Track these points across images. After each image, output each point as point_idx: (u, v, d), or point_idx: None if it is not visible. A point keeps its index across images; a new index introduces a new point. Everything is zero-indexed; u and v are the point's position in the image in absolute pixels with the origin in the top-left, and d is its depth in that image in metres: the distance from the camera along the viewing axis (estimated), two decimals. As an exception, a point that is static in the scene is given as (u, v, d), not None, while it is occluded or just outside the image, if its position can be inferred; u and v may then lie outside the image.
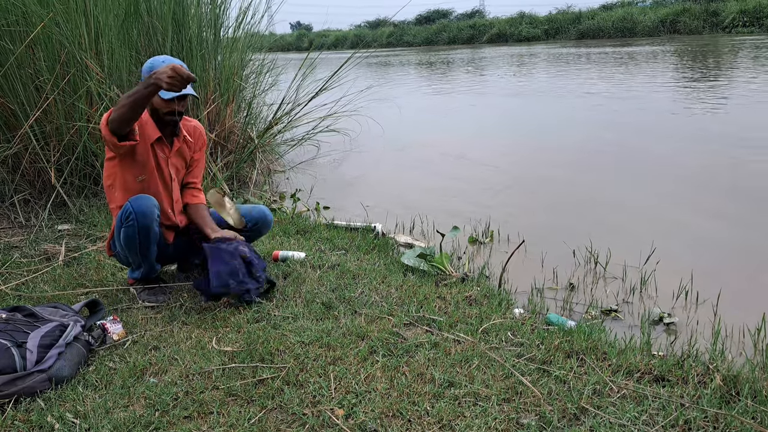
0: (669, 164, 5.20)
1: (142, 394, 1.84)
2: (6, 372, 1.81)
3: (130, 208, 2.38)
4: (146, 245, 2.46)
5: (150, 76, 2.12)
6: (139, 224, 2.38)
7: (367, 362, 1.99)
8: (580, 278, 2.98)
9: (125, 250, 2.49)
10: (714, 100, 8.35)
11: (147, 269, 2.58)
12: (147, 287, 2.62)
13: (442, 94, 11.78)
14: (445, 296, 2.56)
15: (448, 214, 3.99)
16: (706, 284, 2.75)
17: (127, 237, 2.42)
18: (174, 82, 2.09)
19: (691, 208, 4.04)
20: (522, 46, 28.11)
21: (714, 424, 1.64)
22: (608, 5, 33.50)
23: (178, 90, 2.14)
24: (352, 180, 5.33)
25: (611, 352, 2.02)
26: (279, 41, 28.68)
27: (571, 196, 4.51)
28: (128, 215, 2.38)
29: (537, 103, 9.70)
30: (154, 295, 2.60)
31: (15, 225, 3.64)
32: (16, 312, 2.09)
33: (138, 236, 2.41)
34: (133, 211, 2.37)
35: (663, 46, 20.01)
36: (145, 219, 2.38)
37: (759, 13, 24.12)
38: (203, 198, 2.78)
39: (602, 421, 1.66)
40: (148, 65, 2.47)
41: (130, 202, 2.40)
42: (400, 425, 1.66)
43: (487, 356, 2.01)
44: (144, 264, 2.55)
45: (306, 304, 2.47)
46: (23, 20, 3.75)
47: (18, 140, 3.77)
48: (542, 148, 6.22)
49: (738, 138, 5.94)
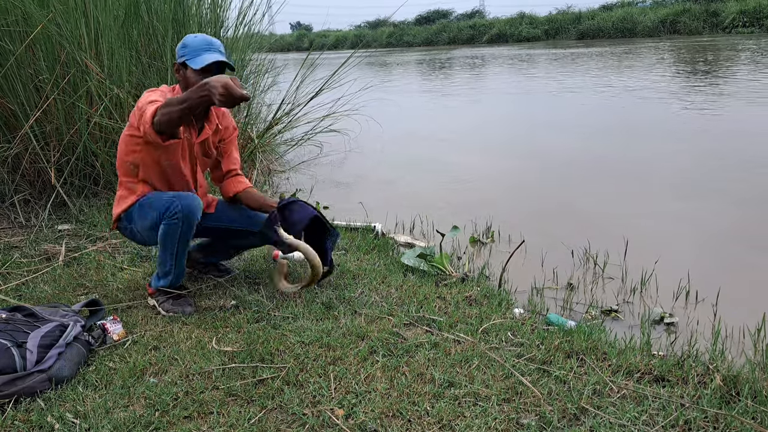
0: (669, 164, 5.20)
1: (142, 394, 1.84)
2: (6, 372, 1.81)
3: (179, 206, 2.27)
4: (184, 246, 2.38)
5: (203, 85, 2.00)
6: (184, 223, 2.29)
7: (367, 362, 1.99)
8: (580, 278, 2.98)
9: (161, 247, 2.37)
10: (715, 100, 8.35)
11: (176, 275, 2.45)
12: (170, 296, 2.48)
13: (442, 93, 11.78)
14: (445, 296, 2.56)
15: (448, 214, 3.99)
16: (706, 284, 2.75)
17: (167, 234, 2.32)
18: (225, 101, 1.97)
19: (691, 207, 4.04)
20: (522, 46, 28.10)
21: (714, 424, 1.64)
22: (608, 5, 33.50)
23: (230, 107, 2.06)
24: (352, 180, 5.33)
25: (611, 352, 2.02)
26: (279, 41, 28.74)
27: (571, 196, 4.50)
28: (174, 212, 2.27)
29: (538, 104, 9.70)
30: (180, 306, 2.46)
31: (15, 225, 3.64)
32: (16, 312, 2.09)
33: (179, 235, 2.32)
34: (181, 210, 2.27)
35: (662, 45, 20.02)
36: (191, 218, 2.30)
37: (759, 14, 24.12)
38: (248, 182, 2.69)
39: (602, 421, 1.66)
40: (181, 44, 2.39)
41: (178, 199, 2.29)
42: (400, 425, 1.66)
43: (487, 356, 2.01)
44: (175, 267, 2.42)
45: (306, 304, 2.47)
46: (23, 20, 3.75)
47: (18, 140, 3.77)
48: (543, 148, 6.22)
49: (739, 138, 5.94)
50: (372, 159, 6.09)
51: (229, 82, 1.95)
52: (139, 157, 2.39)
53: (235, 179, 2.68)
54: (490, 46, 31.99)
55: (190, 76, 2.33)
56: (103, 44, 3.96)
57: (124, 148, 2.42)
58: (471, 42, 35.13)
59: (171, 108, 2.09)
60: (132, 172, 2.43)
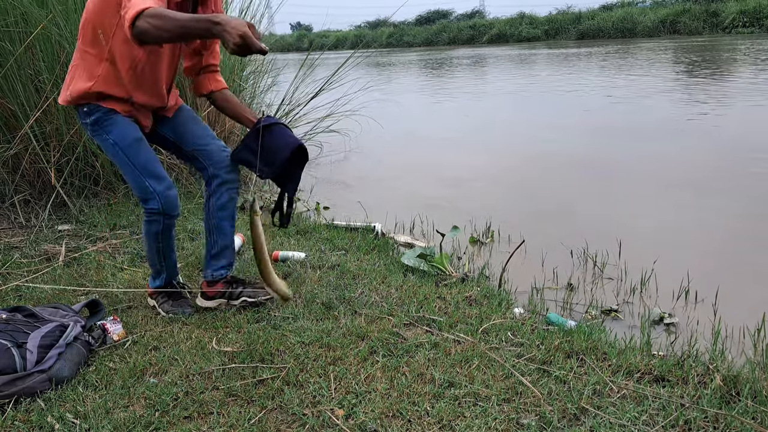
0: (670, 164, 5.20)
1: (142, 395, 1.84)
2: (6, 372, 1.81)
3: (157, 204, 2.13)
4: (169, 240, 2.27)
5: (216, 24, 1.65)
6: (165, 220, 2.18)
7: (367, 362, 1.99)
8: (580, 278, 2.98)
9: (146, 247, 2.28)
10: (716, 100, 8.35)
11: (169, 272, 2.38)
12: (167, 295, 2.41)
13: (442, 93, 11.78)
14: (445, 296, 2.56)
15: (448, 214, 3.99)
16: (706, 284, 2.75)
17: (148, 232, 2.23)
18: (239, 51, 1.66)
19: (691, 207, 4.04)
20: (522, 46, 28.11)
21: (714, 424, 1.64)
22: (608, 6, 33.53)
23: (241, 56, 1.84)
24: (352, 180, 5.33)
25: (611, 353, 2.02)
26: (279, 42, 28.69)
27: (571, 196, 4.51)
28: (153, 209, 2.14)
29: (538, 104, 9.69)
30: (179, 306, 2.40)
31: (15, 225, 3.64)
32: (17, 312, 2.09)
33: (162, 231, 2.21)
34: (160, 208, 2.14)
35: (662, 45, 20.02)
36: (171, 215, 2.18)
37: (759, 14, 24.14)
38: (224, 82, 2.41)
39: (602, 421, 1.66)
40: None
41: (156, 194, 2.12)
42: (400, 425, 1.66)
43: (487, 356, 2.01)
44: (166, 265, 2.35)
45: (306, 304, 2.47)
46: (23, 21, 3.75)
47: (18, 141, 3.77)
48: (544, 149, 6.22)
49: (741, 138, 5.94)
50: (372, 159, 6.09)
51: (248, 31, 1.64)
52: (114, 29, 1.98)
53: (213, 75, 2.37)
54: (490, 46, 31.99)
55: None
56: (103, 44, 3.96)
57: (98, 5, 1.98)
58: (471, 42, 35.14)
59: (164, 24, 1.69)
60: (97, 41, 2.02)
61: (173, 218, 2.24)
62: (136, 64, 2.07)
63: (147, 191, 2.15)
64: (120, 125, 2.15)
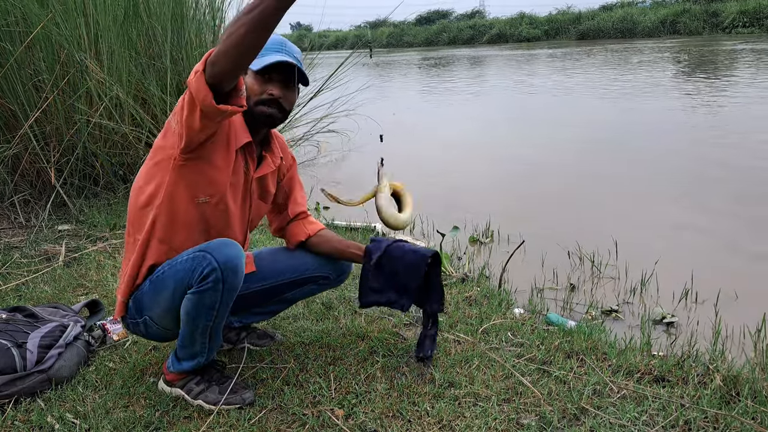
0: (670, 164, 5.20)
1: (142, 394, 1.84)
2: (6, 372, 1.81)
3: (214, 263, 1.55)
4: (222, 319, 1.67)
5: None
6: (226, 286, 1.58)
7: (367, 362, 1.99)
8: (580, 278, 2.98)
9: (186, 324, 1.65)
10: (717, 100, 8.35)
11: (209, 354, 1.76)
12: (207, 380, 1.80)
13: (442, 93, 11.78)
14: (445, 296, 2.55)
15: (448, 214, 3.99)
16: (707, 284, 2.75)
17: (199, 305, 1.60)
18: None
19: (691, 207, 4.04)
20: (522, 47, 28.10)
21: (714, 424, 1.64)
22: (608, 6, 33.59)
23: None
24: (351, 180, 5.33)
25: (611, 353, 2.02)
26: (279, 41, 28.45)
27: (571, 196, 4.50)
28: (209, 272, 1.55)
29: (539, 104, 9.69)
30: (236, 393, 1.77)
31: (15, 225, 3.64)
32: (16, 312, 2.09)
33: (218, 305, 1.61)
34: (219, 267, 1.55)
35: (662, 45, 20.02)
36: (235, 278, 1.59)
37: (759, 14, 24.17)
38: (320, 223, 2.08)
39: (602, 421, 1.66)
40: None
41: (210, 252, 1.57)
42: (400, 425, 1.66)
43: (487, 356, 2.01)
44: (209, 346, 1.73)
45: (306, 304, 2.47)
46: (23, 21, 3.75)
47: (18, 140, 3.77)
48: (544, 149, 6.22)
49: (740, 138, 5.94)
50: (371, 159, 6.07)
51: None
52: (162, 191, 1.65)
53: (305, 221, 2.03)
54: (490, 46, 32.00)
55: (247, 81, 1.68)
56: (102, 44, 3.97)
57: (142, 185, 1.71)
58: (471, 42, 35.17)
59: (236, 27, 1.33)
60: (143, 226, 1.69)
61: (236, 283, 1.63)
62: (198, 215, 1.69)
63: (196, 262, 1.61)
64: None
